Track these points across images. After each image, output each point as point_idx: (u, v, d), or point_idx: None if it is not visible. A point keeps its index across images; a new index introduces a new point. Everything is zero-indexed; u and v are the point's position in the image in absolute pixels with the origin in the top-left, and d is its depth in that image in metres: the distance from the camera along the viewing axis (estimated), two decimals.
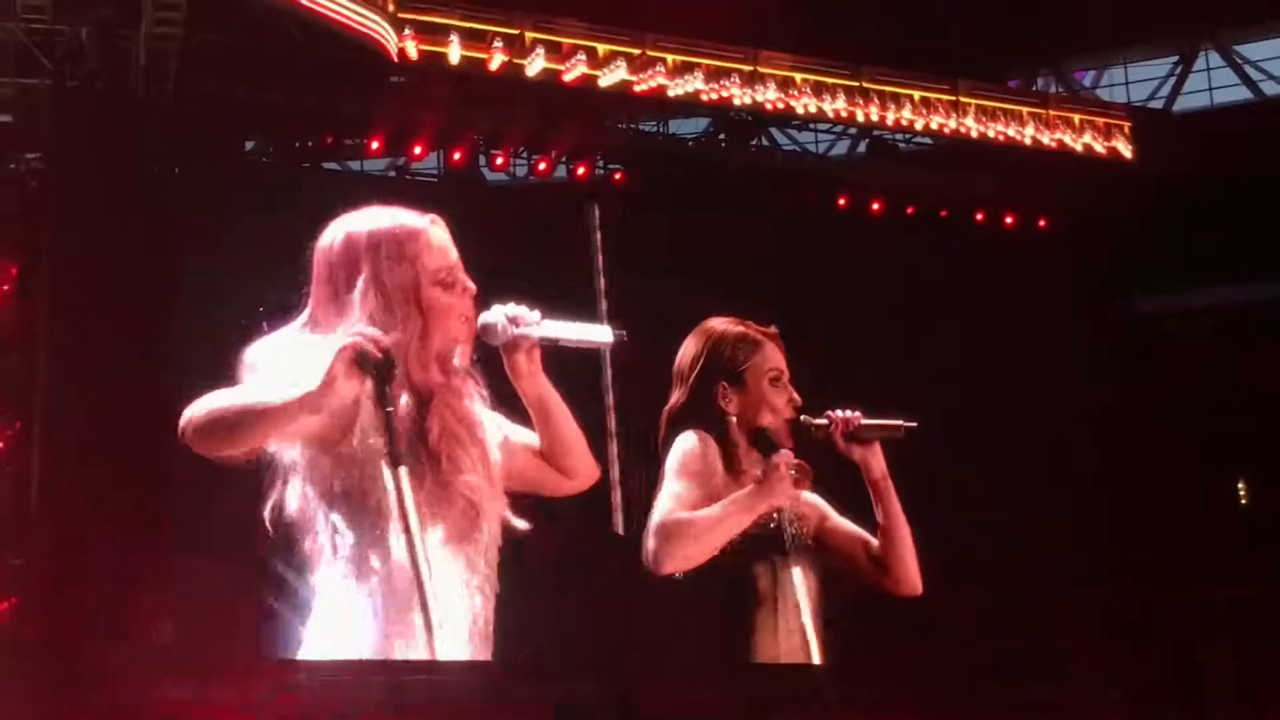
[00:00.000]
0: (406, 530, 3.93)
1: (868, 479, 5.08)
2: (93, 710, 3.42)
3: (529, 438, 4.33)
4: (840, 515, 5.22)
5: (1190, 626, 15.09)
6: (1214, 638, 14.81)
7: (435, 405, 4.11)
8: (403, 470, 3.98)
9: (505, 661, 4.16)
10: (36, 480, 12.31)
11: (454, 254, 4.24)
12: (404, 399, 4.08)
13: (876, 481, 5.08)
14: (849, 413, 5.15)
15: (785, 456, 4.98)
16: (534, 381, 4.24)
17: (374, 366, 3.94)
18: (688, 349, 5.26)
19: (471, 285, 4.23)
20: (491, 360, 4.23)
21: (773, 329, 5.30)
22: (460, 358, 4.20)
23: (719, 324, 5.28)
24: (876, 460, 5.09)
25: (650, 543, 4.84)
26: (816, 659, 4.94)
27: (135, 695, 3.37)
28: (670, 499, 4.90)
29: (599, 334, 4.26)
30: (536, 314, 4.20)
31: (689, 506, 4.87)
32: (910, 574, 5.10)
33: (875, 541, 5.09)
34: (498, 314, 4.19)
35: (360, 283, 4.15)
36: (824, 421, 5.14)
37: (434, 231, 4.24)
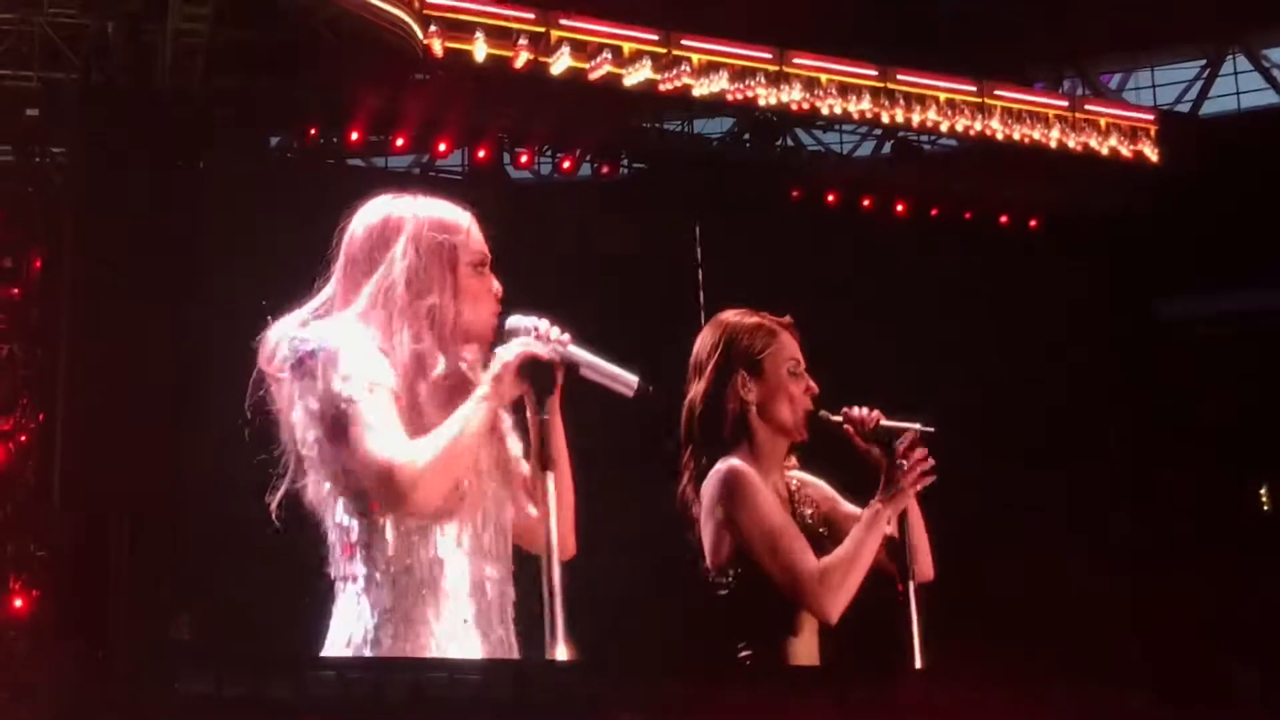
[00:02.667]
0: (547, 537, 3.87)
1: (887, 477, 5.04)
2: (112, 702, 3.42)
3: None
4: (848, 501, 5.22)
5: (1214, 630, 15.06)
6: (1238, 642, 14.79)
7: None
8: (550, 475, 3.94)
9: (528, 660, 4.15)
10: (59, 472, 12.34)
11: (488, 252, 4.21)
12: (441, 363, 4.04)
13: (903, 487, 5.02)
14: (867, 411, 5.13)
15: (916, 456, 4.99)
16: (557, 416, 4.04)
17: (538, 373, 3.96)
18: (705, 339, 5.24)
19: (499, 286, 4.20)
20: None
21: (788, 319, 5.29)
22: (474, 354, 4.15)
23: (734, 314, 5.28)
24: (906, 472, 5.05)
25: (806, 600, 4.86)
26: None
27: (154, 688, 3.36)
28: (788, 552, 4.91)
29: (626, 377, 4.12)
30: (566, 335, 4.11)
31: (802, 549, 4.93)
32: (926, 562, 5.10)
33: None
34: (529, 321, 4.11)
35: (401, 242, 4.13)
36: (839, 419, 5.13)
37: (474, 225, 4.23)
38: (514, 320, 4.11)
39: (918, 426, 5.09)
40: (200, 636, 11.75)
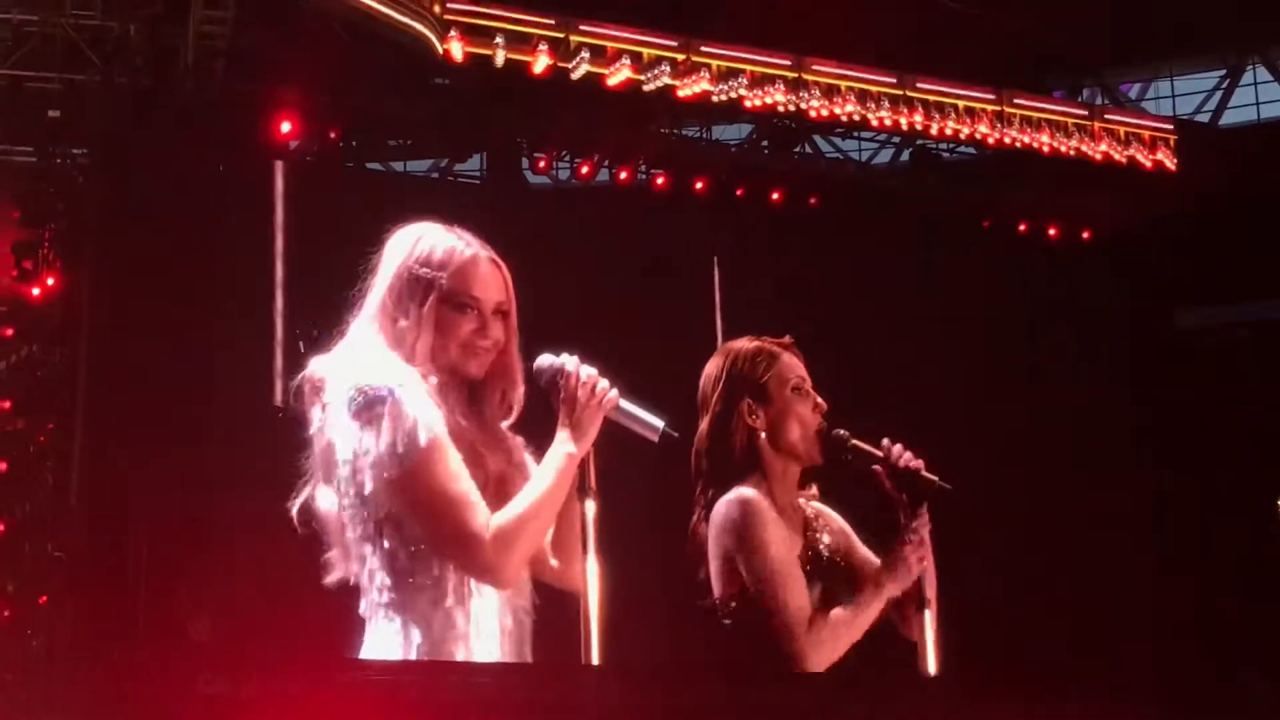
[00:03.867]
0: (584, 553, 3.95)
1: (907, 525, 4.93)
2: (130, 705, 3.44)
3: None
4: (862, 544, 5.17)
5: (1231, 640, 15.04)
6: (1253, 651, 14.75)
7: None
8: (590, 504, 4.02)
9: (542, 663, 4.17)
10: (76, 474, 12.38)
11: (490, 295, 4.20)
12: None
13: (922, 537, 4.94)
14: (906, 452, 4.99)
15: (917, 541, 4.90)
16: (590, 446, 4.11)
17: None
18: (708, 372, 5.21)
19: (499, 332, 4.19)
20: None
21: (788, 339, 5.25)
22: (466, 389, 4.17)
23: (734, 343, 5.24)
24: (924, 523, 4.96)
25: (790, 645, 4.81)
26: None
27: (172, 691, 3.38)
28: (783, 590, 4.87)
29: (653, 422, 4.15)
30: (614, 391, 4.15)
31: (798, 591, 4.88)
32: (932, 593, 5.00)
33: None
34: (558, 361, 4.15)
35: (387, 269, 4.21)
36: (876, 451, 5.01)
37: (482, 266, 4.22)
38: (545, 360, 4.13)
39: (939, 482, 4.97)
40: (219, 638, 11.78)
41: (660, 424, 4.11)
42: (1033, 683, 14.89)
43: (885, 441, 4.99)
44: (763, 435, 5.03)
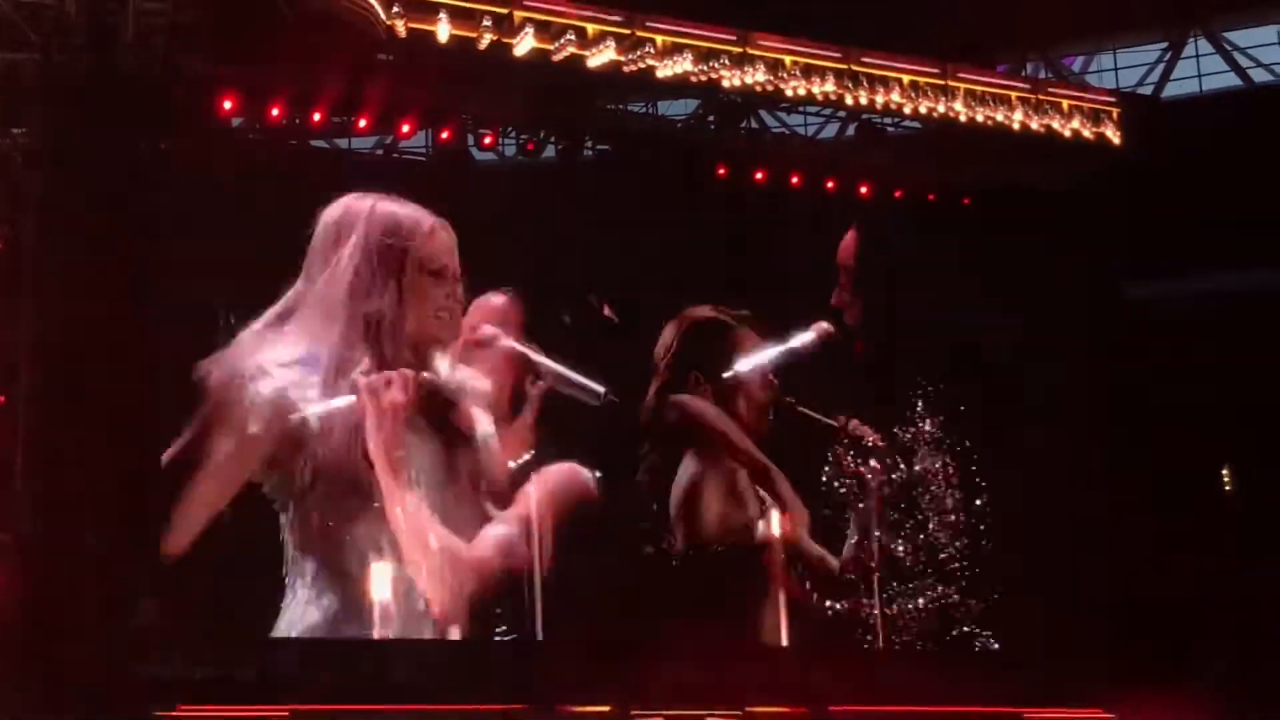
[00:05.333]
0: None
1: (869, 494, 4.97)
2: (77, 687, 3.42)
3: None
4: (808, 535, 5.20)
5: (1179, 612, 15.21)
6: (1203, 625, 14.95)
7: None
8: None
9: (482, 639, 4.17)
10: (21, 456, 12.26)
11: (454, 262, 4.22)
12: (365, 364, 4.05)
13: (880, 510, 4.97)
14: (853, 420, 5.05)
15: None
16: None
17: None
18: (664, 337, 5.23)
19: (461, 295, 4.21)
20: None
21: (745, 312, 5.27)
22: (442, 361, 4.17)
23: (692, 311, 5.26)
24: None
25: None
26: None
27: (119, 672, 3.36)
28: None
29: (592, 387, 4.19)
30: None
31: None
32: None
33: (834, 563, 5.03)
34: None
35: (352, 240, 4.18)
36: (828, 420, 5.06)
37: (440, 232, 4.24)
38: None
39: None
40: (166, 621, 11.71)
41: (601, 389, 4.16)
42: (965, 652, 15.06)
43: (842, 417, 5.05)
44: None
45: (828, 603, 13.25)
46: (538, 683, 11.51)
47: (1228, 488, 17.57)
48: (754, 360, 13.57)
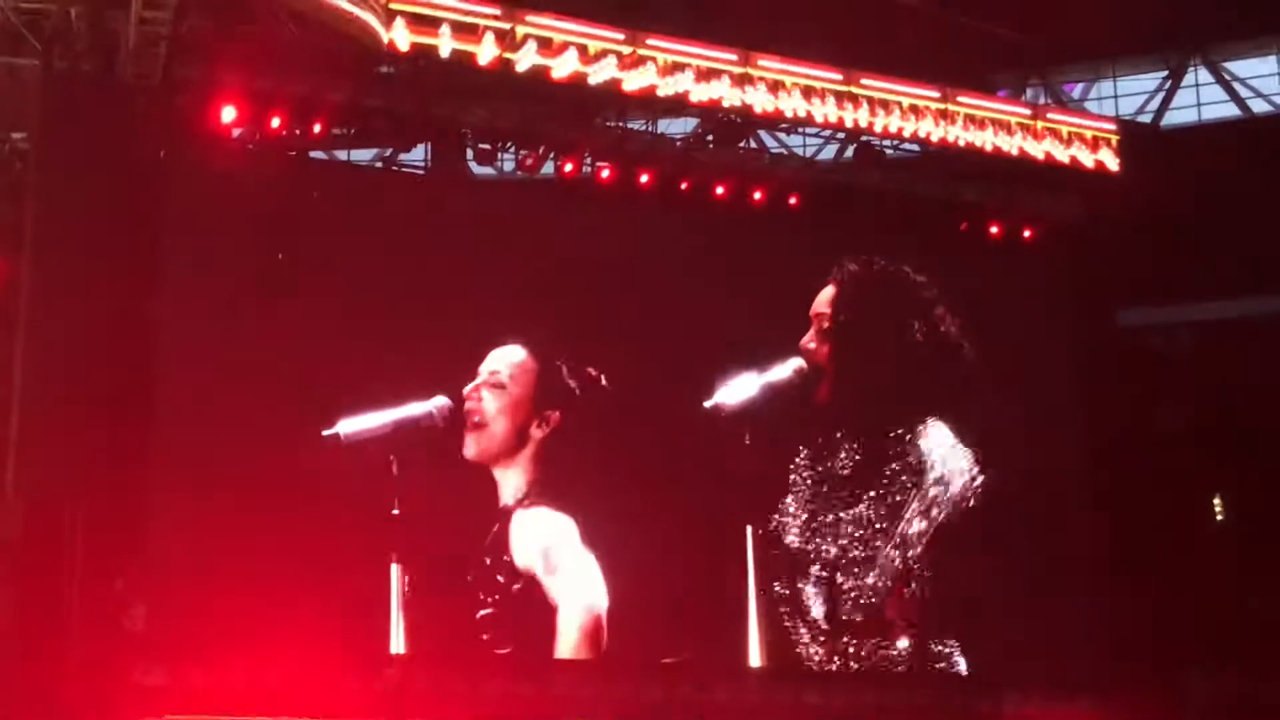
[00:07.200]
0: None
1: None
2: (66, 694, 3.42)
3: None
4: None
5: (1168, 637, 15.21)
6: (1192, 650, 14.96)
7: None
8: None
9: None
10: (13, 463, 12.24)
11: None
12: None
13: None
14: None
15: None
16: None
17: None
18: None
19: None
20: None
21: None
22: None
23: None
24: None
25: None
26: None
27: (108, 679, 3.36)
28: None
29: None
30: None
31: None
32: None
33: None
34: None
35: None
36: None
37: None
38: None
39: None
40: (154, 628, 11.69)
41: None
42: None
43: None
44: None
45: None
46: None
47: (1219, 516, 17.61)
48: (735, 391, 13.87)
